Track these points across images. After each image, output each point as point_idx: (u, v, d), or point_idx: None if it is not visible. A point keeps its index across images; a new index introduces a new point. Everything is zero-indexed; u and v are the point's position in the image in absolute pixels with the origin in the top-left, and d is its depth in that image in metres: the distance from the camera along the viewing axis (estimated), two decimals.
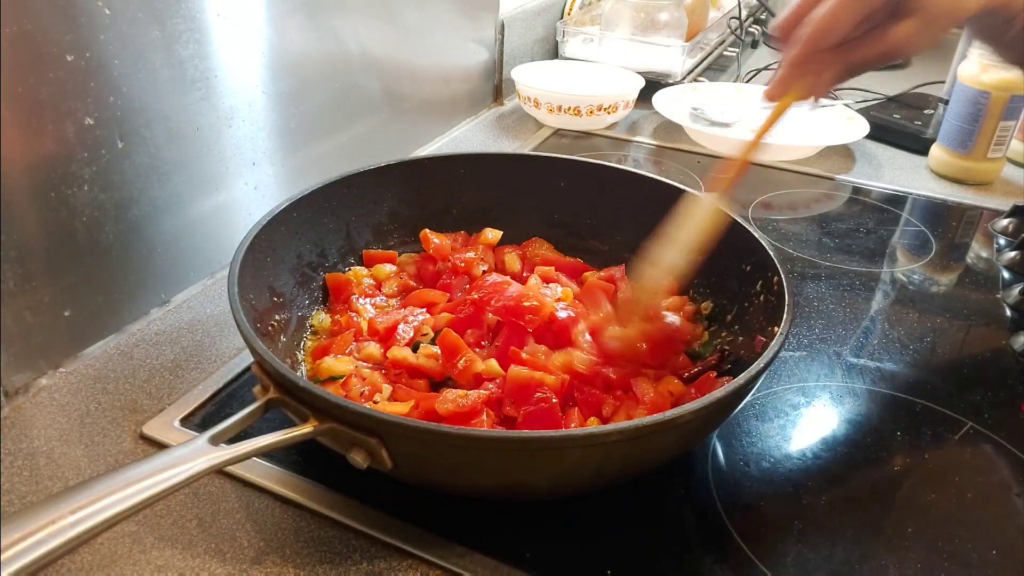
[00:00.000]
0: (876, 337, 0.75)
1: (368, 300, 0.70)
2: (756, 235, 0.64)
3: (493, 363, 0.59)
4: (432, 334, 0.64)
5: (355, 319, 0.66)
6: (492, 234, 0.78)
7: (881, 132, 1.24)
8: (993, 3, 0.57)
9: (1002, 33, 0.61)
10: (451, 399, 0.55)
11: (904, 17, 0.55)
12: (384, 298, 0.71)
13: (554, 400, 0.55)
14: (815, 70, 0.57)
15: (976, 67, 1.04)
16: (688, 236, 0.60)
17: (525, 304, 0.62)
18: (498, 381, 0.58)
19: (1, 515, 0.52)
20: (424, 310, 0.67)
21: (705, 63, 1.53)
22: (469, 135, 1.23)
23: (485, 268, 0.73)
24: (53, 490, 0.54)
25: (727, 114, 1.21)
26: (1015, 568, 0.51)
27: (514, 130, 1.25)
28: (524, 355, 0.60)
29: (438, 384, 0.60)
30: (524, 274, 0.74)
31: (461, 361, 0.59)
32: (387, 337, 0.64)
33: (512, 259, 0.77)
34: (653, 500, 0.54)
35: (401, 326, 0.64)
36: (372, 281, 0.73)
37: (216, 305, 0.76)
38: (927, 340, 0.74)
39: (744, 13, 1.57)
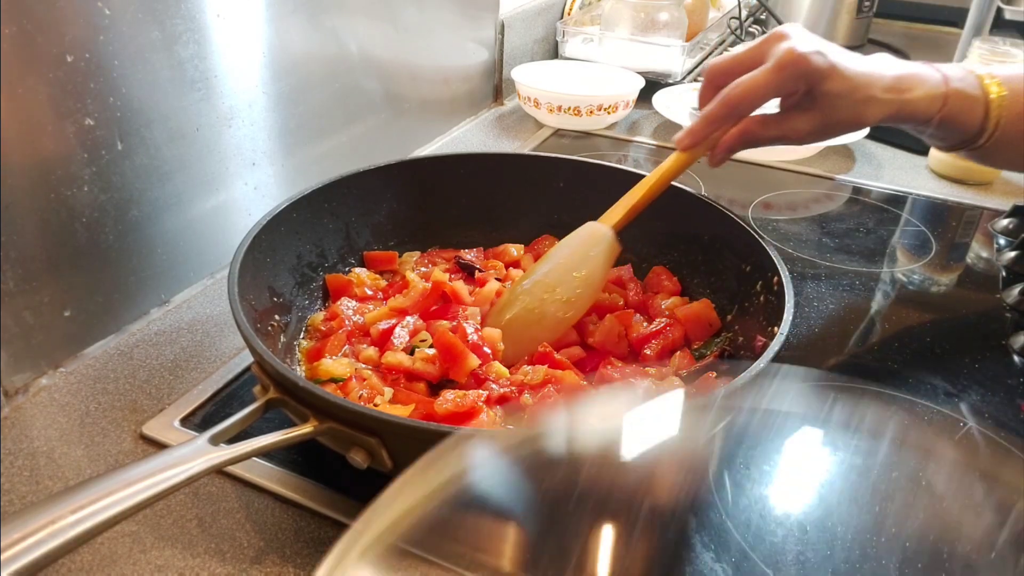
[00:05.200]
0: (876, 337, 0.75)
1: (356, 303, 0.69)
2: (756, 235, 0.64)
3: (496, 365, 0.59)
4: (430, 339, 0.63)
5: (346, 321, 0.66)
6: (516, 250, 0.77)
7: (881, 132, 1.23)
8: (896, 115, 0.62)
9: (920, 132, 0.66)
10: (450, 399, 0.55)
11: (808, 110, 0.59)
12: (383, 298, 0.71)
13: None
14: (722, 132, 0.61)
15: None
16: (576, 265, 0.66)
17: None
18: (502, 382, 0.58)
19: (1, 515, 0.52)
20: (417, 316, 0.66)
21: (705, 63, 1.53)
22: (469, 135, 1.23)
23: (499, 278, 0.73)
24: (53, 490, 0.54)
25: None
26: (1015, 568, 0.51)
27: (514, 130, 1.25)
28: (557, 356, 0.62)
29: (436, 388, 0.60)
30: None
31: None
32: (382, 341, 0.64)
33: (527, 260, 0.76)
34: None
35: (397, 330, 0.64)
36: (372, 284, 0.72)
37: (216, 305, 0.76)
38: (927, 340, 0.74)
39: (744, 13, 1.57)
